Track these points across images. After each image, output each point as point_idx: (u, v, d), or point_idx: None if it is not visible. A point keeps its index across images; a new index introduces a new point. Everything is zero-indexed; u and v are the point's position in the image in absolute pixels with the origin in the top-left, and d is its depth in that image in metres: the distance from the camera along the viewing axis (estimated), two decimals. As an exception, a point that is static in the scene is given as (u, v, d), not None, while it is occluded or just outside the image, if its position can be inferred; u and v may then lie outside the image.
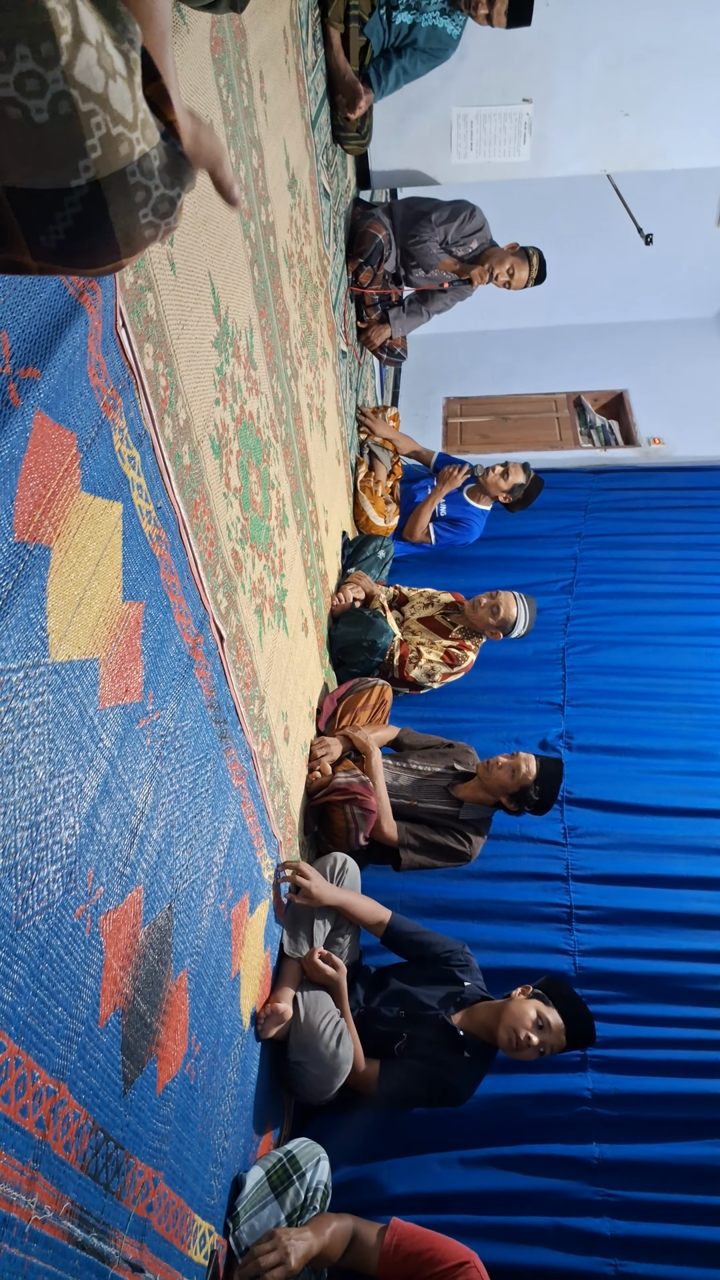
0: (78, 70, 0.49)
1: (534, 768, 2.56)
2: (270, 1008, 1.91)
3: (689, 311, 5.94)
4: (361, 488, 3.76)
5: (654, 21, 3.23)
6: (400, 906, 2.60)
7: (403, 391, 5.78)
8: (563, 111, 3.52)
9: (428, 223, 3.57)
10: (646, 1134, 2.28)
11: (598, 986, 2.64)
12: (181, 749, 1.37)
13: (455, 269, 3.72)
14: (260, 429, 1.98)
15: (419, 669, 3.15)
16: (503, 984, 2.41)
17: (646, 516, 4.45)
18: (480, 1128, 2.26)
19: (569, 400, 5.77)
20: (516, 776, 2.54)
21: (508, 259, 3.60)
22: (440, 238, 3.60)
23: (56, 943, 0.95)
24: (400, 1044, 2.10)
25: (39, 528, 0.90)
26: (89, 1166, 1.03)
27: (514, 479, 3.72)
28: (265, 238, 2.03)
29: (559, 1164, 2.19)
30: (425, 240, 3.59)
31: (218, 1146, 1.56)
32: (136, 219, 0.57)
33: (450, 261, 3.70)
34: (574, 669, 3.75)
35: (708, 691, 3.66)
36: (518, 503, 3.78)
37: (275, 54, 2.17)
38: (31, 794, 0.90)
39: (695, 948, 2.74)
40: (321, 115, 2.96)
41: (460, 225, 3.57)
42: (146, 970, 1.22)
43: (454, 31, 3.21)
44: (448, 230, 3.58)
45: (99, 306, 1.04)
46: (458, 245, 3.64)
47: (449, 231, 3.58)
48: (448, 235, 3.60)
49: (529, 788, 2.54)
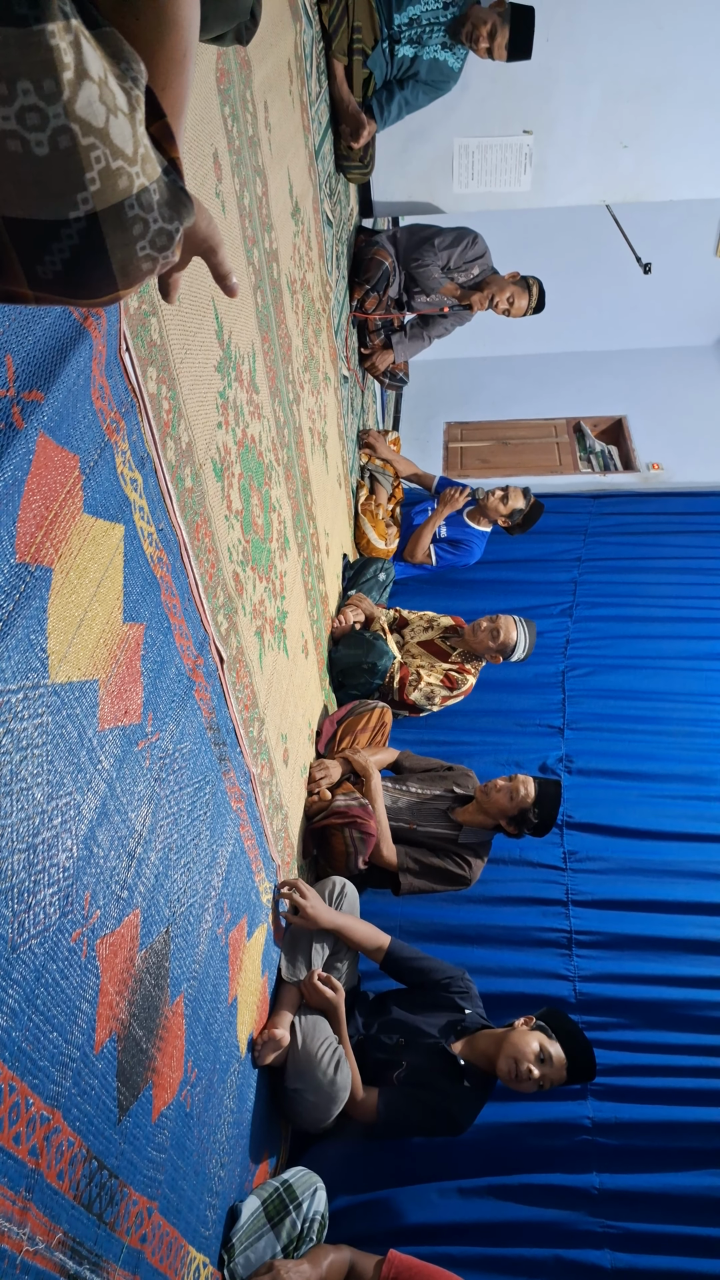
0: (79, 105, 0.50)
1: (532, 790, 2.55)
2: (268, 1034, 1.90)
3: (688, 339, 6.00)
4: (362, 511, 3.78)
5: (652, 56, 3.29)
6: (399, 931, 2.58)
7: (404, 416, 5.82)
8: (563, 143, 3.57)
9: (430, 247, 3.62)
10: (648, 1163, 2.24)
11: (598, 1013, 2.62)
12: (180, 771, 1.37)
13: (456, 294, 3.77)
14: (262, 452, 1.99)
15: (419, 692, 3.15)
16: (502, 1010, 2.39)
17: (646, 541, 4.47)
18: (479, 1157, 2.23)
19: (569, 426, 5.81)
20: (515, 799, 2.54)
21: (508, 287, 3.64)
22: (443, 262, 3.65)
23: (53, 967, 0.94)
24: (399, 1072, 2.08)
25: (40, 549, 0.91)
26: (82, 1196, 1.01)
27: (514, 504, 3.74)
28: (269, 264, 2.06)
29: (559, 1194, 2.16)
30: (428, 264, 3.64)
31: (213, 1175, 1.53)
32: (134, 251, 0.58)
33: (451, 286, 3.75)
34: (574, 692, 3.75)
35: (708, 716, 3.65)
36: (517, 526, 3.80)
37: (280, 85, 2.21)
38: (29, 816, 0.89)
39: (696, 974, 2.72)
40: (325, 145, 3.01)
41: (463, 251, 3.63)
42: (143, 995, 1.21)
43: (455, 64, 3.26)
44: (450, 255, 3.63)
45: (103, 331, 1.05)
46: (459, 271, 3.69)
47: (451, 256, 3.63)
48: (450, 260, 3.65)
49: (528, 810, 2.53)
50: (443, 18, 3.12)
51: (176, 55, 0.62)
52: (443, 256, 3.63)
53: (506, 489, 3.78)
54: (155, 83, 0.60)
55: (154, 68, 0.60)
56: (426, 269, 3.66)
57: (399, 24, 3.11)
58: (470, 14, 3.09)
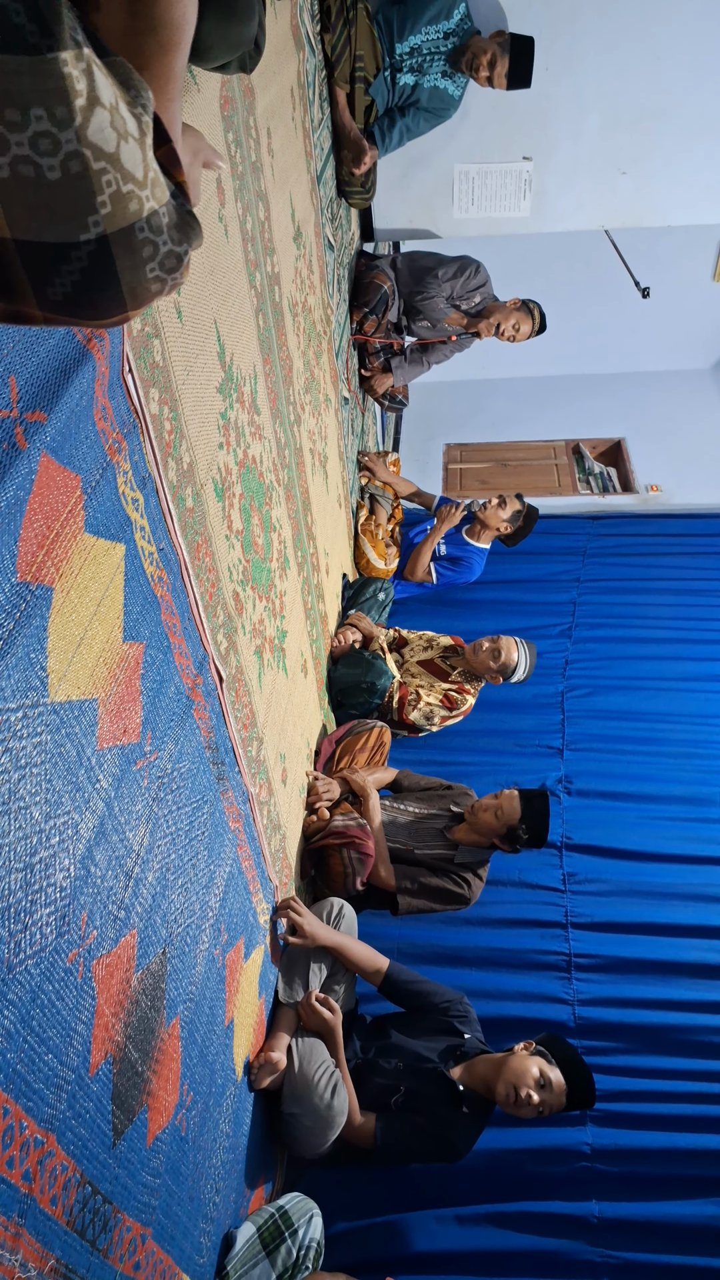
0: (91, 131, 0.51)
1: (517, 806, 2.52)
2: (264, 1057, 1.88)
3: (686, 363, 6.04)
4: (362, 531, 3.79)
5: (649, 85, 3.34)
6: (397, 953, 2.57)
7: (404, 437, 5.85)
8: (562, 169, 3.61)
9: (434, 279, 3.67)
10: (647, 1191, 2.22)
11: (597, 1037, 2.60)
12: (178, 791, 1.37)
13: (463, 323, 3.82)
14: (263, 473, 2.00)
15: (418, 711, 3.14)
16: (501, 1034, 2.37)
17: (644, 562, 4.49)
18: (477, 1183, 2.21)
19: (568, 447, 5.84)
20: (501, 818, 2.52)
21: (512, 314, 3.70)
22: (446, 293, 3.70)
23: (48, 988, 0.93)
24: (398, 1097, 2.05)
25: (42, 568, 0.91)
26: (76, 1222, 1.00)
27: (511, 507, 3.78)
28: (270, 287, 2.08)
29: (557, 1222, 2.14)
30: (432, 296, 3.70)
31: (208, 1201, 1.52)
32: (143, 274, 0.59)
33: (456, 315, 3.80)
34: (573, 713, 3.75)
35: (707, 737, 3.65)
36: (517, 532, 3.82)
37: (283, 112, 2.24)
38: (27, 835, 0.89)
39: (697, 998, 2.70)
40: (327, 170, 3.04)
41: (465, 281, 3.68)
42: (139, 1017, 1.20)
43: (456, 92, 3.31)
44: (454, 286, 3.69)
45: (106, 352, 1.06)
46: (463, 300, 3.75)
47: (455, 287, 3.69)
48: (453, 291, 3.70)
49: (516, 827, 2.51)
50: (443, 47, 3.17)
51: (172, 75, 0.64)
52: (446, 288, 3.69)
53: (501, 496, 3.81)
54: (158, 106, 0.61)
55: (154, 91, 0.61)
56: (432, 300, 3.71)
57: (400, 53, 3.16)
58: (470, 44, 3.14)
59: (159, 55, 0.61)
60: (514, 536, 3.84)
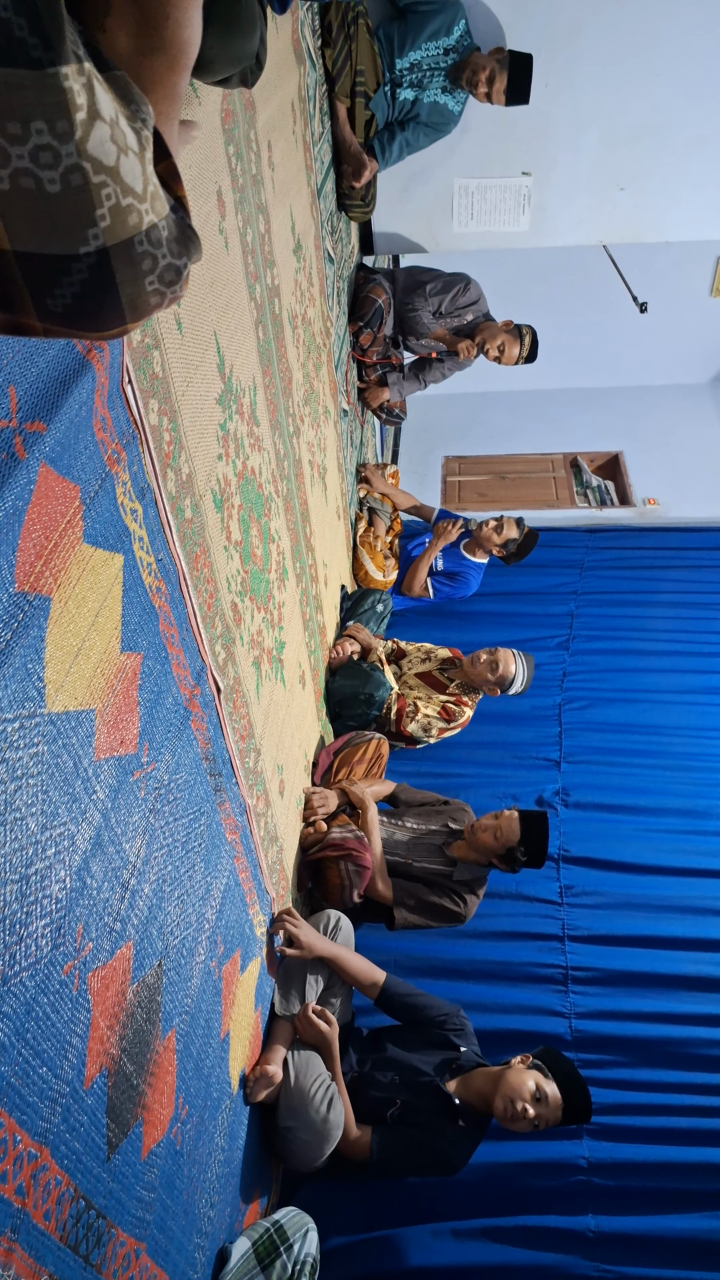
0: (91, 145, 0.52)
1: (516, 828, 2.50)
2: (260, 1070, 1.87)
3: (683, 377, 6.07)
4: (361, 543, 3.79)
5: (648, 102, 3.36)
6: (393, 966, 2.56)
7: (402, 450, 5.87)
8: (561, 184, 3.64)
9: (422, 292, 3.68)
10: (644, 1205, 2.21)
11: (594, 1050, 2.59)
12: (175, 802, 1.36)
13: (446, 339, 3.81)
14: (262, 484, 2.00)
15: (416, 723, 3.14)
16: (498, 1047, 2.36)
17: (642, 575, 4.50)
18: (473, 1197, 2.19)
19: (566, 460, 5.86)
20: (500, 839, 2.50)
21: (500, 335, 3.68)
22: (433, 308, 3.70)
23: (43, 1000, 0.93)
24: (394, 1110, 2.04)
25: (40, 578, 0.91)
26: (69, 1237, 0.99)
27: (507, 533, 3.76)
28: (270, 299, 2.09)
29: (554, 1236, 2.12)
30: (418, 309, 3.70)
31: (203, 1216, 1.50)
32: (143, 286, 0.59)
33: (442, 331, 3.79)
34: (570, 725, 3.75)
35: (704, 750, 3.65)
36: (513, 555, 3.82)
37: (283, 125, 2.26)
38: (23, 846, 0.89)
39: (694, 1011, 2.69)
40: (327, 183, 3.06)
41: (454, 297, 3.68)
42: (134, 1030, 1.19)
43: (455, 108, 3.33)
44: (441, 301, 3.68)
45: (106, 363, 1.06)
46: (451, 316, 3.74)
47: (442, 302, 3.69)
48: (441, 306, 3.70)
49: (515, 849, 2.50)
50: (443, 63, 3.20)
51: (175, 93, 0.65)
52: (433, 302, 3.69)
53: (500, 519, 3.80)
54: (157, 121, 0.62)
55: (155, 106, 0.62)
56: (417, 314, 3.71)
57: (401, 68, 3.18)
58: (470, 60, 3.17)
59: (165, 75, 0.62)
60: (512, 557, 3.84)
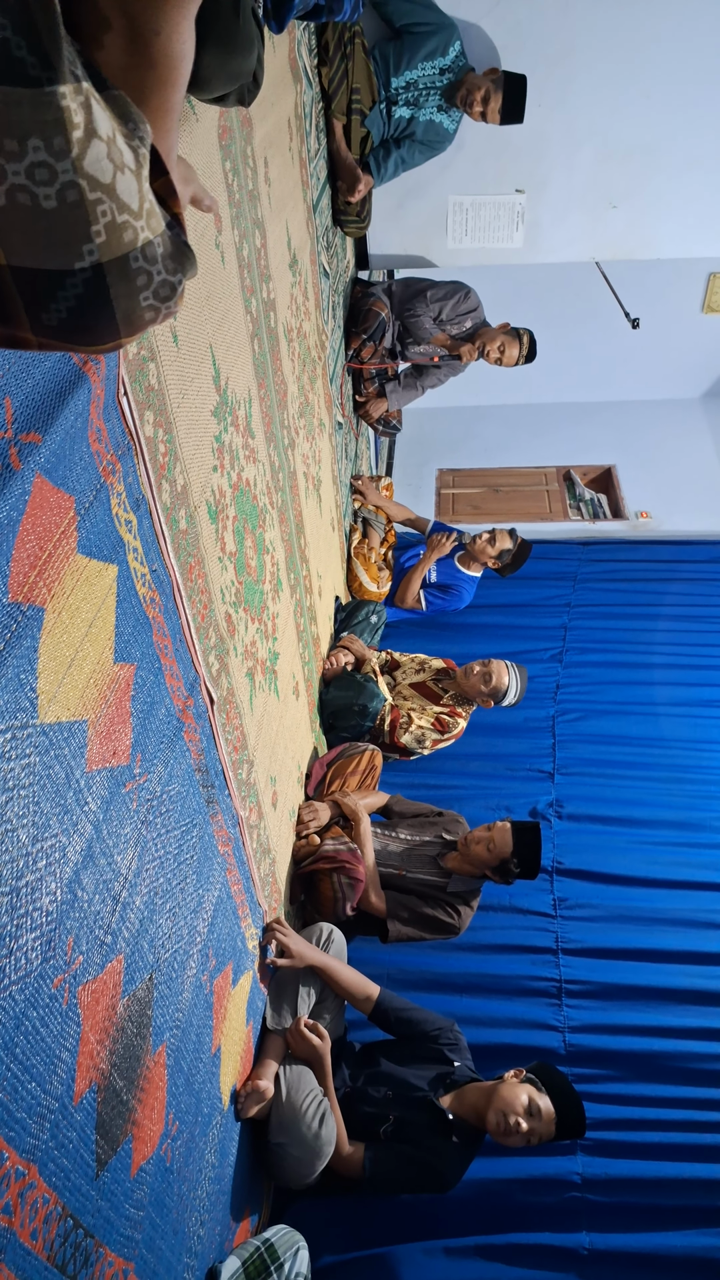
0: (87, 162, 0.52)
1: (509, 840, 2.50)
2: (251, 1085, 1.85)
3: (675, 392, 6.12)
4: (355, 554, 3.80)
5: (640, 120, 3.40)
6: (387, 979, 2.54)
7: (397, 462, 5.89)
8: (554, 202, 3.67)
9: (423, 298, 3.72)
10: (639, 1222, 2.19)
11: (588, 1065, 2.57)
12: (168, 814, 1.36)
13: (447, 344, 3.85)
14: (257, 496, 2.01)
15: (409, 735, 3.14)
16: (491, 1061, 2.35)
17: (634, 588, 4.51)
18: (467, 1214, 2.17)
19: (559, 474, 5.89)
20: (493, 851, 2.50)
21: (499, 337, 3.73)
22: (434, 314, 3.74)
23: (33, 1014, 0.92)
24: (387, 1126, 2.03)
25: (34, 589, 0.91)
26: (56, 1257, 0.98)
27: (500, 545, 3.78)
28: (266, 313, 2.10)
29: (548, 1254, 2.10)
30: (420, 315, 3.74)
31: (192, 1234, 1.49)
32: (138, 301, 0.60)
33: (443, 337, 3.83)
34: (564, 737, 3.75)
35: (697, 762, 3.65)
36: (507, 567, 3.84)
37: (280, 142, 2.27)
38: (14, 858, 0.88)
39: (688, 1024, 2.68)
40: (323, 199, 3.08)
41: (455, 304, 3.72)
42: (124, 1044, 1.18)
43: (450, 126, 3.37)
44: (442, 307, 3.73)
45: (102, 375, 1.06)
46: (451, 323, 3.78)
47: (444, 309, 3.73)
48: (442, 312, 3.74)
49: (508, 860, 2.50)
50: (439, 83, 3.23)
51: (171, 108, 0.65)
52: (434, 308, 3.73)
53: (493, 531, 3.82)
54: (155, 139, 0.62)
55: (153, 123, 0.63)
56: (419, 319, 3.75)
57: (396, 87, 3.21)
58: (465, 80, 3.20)
59: (158, 90, 0.62)
60: (507, 568, 3.86)
